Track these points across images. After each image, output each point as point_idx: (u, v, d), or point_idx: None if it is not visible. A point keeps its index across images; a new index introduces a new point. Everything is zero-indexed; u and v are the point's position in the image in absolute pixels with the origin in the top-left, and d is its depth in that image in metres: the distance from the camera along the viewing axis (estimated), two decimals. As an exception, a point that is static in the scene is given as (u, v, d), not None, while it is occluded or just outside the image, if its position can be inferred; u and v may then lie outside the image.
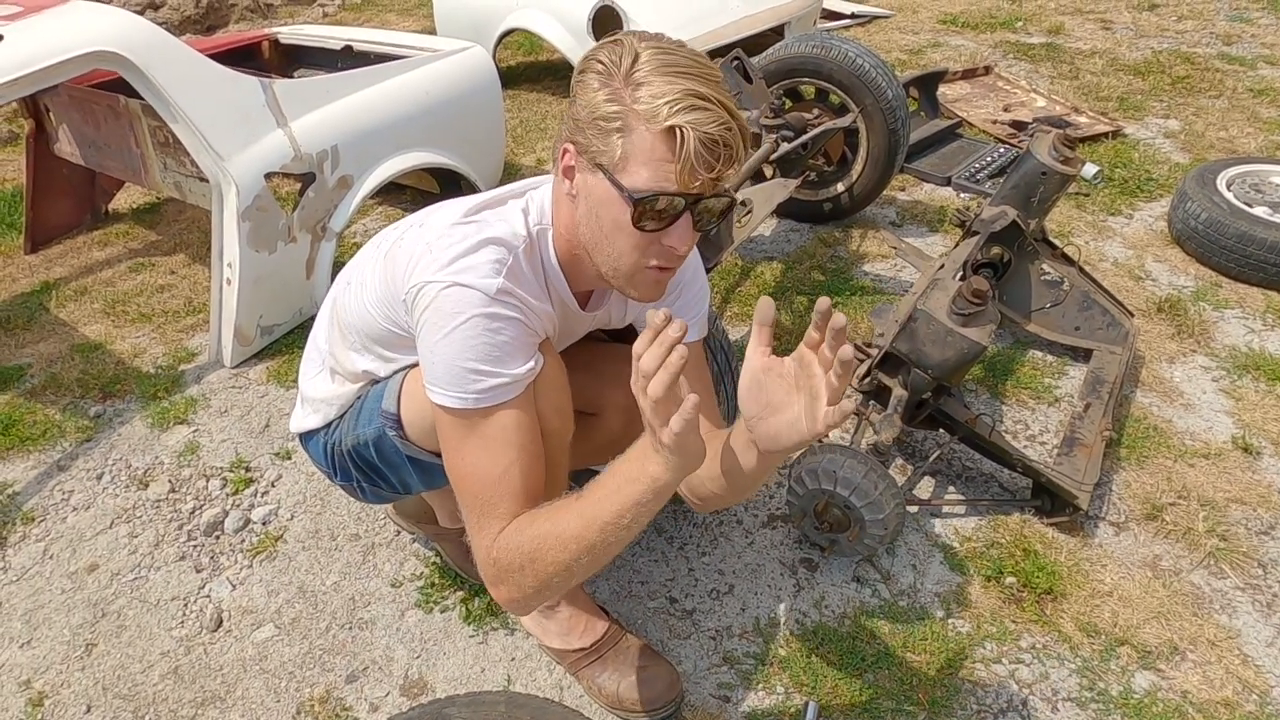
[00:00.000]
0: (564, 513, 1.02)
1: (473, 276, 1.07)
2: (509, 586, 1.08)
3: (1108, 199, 3.16)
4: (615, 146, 0.99)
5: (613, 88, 0.99)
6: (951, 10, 5.54)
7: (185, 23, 5.83)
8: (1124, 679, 1.52)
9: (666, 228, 1.03)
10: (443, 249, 1.10)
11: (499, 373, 1.07)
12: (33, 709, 1.53)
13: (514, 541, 1.06)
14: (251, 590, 1.74)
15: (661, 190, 0.99)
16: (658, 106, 0.95)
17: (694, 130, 0.95)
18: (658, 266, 1.07)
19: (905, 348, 1.73)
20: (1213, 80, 4.24)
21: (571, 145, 1.06)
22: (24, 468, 2.08)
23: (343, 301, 1.32)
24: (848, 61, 2.63)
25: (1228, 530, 1.81)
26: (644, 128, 0.97)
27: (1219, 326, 2.46)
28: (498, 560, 1.07)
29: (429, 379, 1.10)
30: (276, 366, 2.40)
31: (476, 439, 1.10)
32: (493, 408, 1.08)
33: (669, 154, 0.97)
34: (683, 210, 1.02)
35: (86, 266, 2.98)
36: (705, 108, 0.95)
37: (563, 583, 1.05)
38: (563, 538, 1.01)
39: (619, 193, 1.01)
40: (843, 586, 1.70)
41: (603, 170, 1.02)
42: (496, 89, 3.00)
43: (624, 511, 0.97)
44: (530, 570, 1.04)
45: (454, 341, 1.06)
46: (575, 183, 1.08)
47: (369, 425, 1.33)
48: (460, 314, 1.06)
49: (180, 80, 2.21)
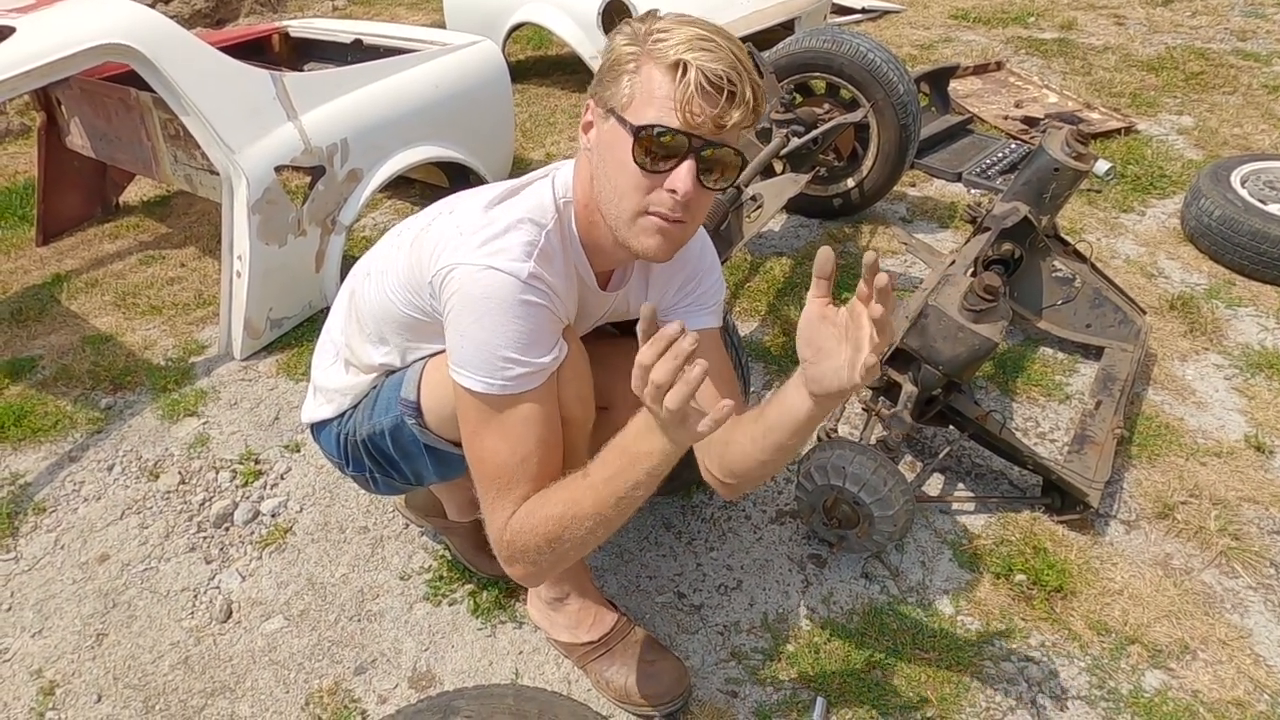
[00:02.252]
0: (575, 491, 1.06)
1: (504, 260, 1.07)
2: (525, 564, 1.12)
3: (1120, 196, 3.14)
4: (625, 87, 1.02)
5: (633, 36, 1.03)
6: (963, 5, 5.50)
7: (195, 16, 5.85)
8: (1134, 678, 1.51)
9: (668, 171, 1.02)
10: (473, 231, 1.10)
11: (528, 361, 1.09)
12: (44, 697, 1.54)
13: (529, 523, 1.09)
14: (261, 582, 1.75)
15: (661, 122, 0.99)
16: (667, 46, 0.99)
17: (698, 65, 0.97)
18: (659, 214, 1.05)
19: (916, 343, 1.73)
20: (1227, 76, 4.20)
21: (592, 100, 1.08)
22: (35, 458, 2.09)
23: (361, 292, 1.32)
24: (859, 56, 2.62)
25: (1240, 529, 1.79)
26: (652, 64, 1.00)
27: (1232, 324, 2.44)
28: (512, 542, 1.11)
29: (457, 361, 1.10)
30: (286, 359, 2.41)
31: (498, 426, 1.11)
32: (517, 395, 1.10)
33: (672, 88, 0.98)
34: (685, 153, 1.01)
35: (97, 259, 2.99)
36: (712, 49, 0.98)
37: (576, 555, 1.11)
38: (580, 516, 1.05)
39: (623, 127, 1.02)
40: (851, 583, 1.70)
41: (613, 114, 1.04)
42: (506, 83, 2.99)
43: (638, 484, 1.02)
44: (549, 549, 1.09)
45: (486, 326, 1.07)
46: (591, 135, 1.10)
47: (386, 414, 1.33)
48: (492, 299, 1.07)
49: (191, 73, 2.21)
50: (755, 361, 2.33)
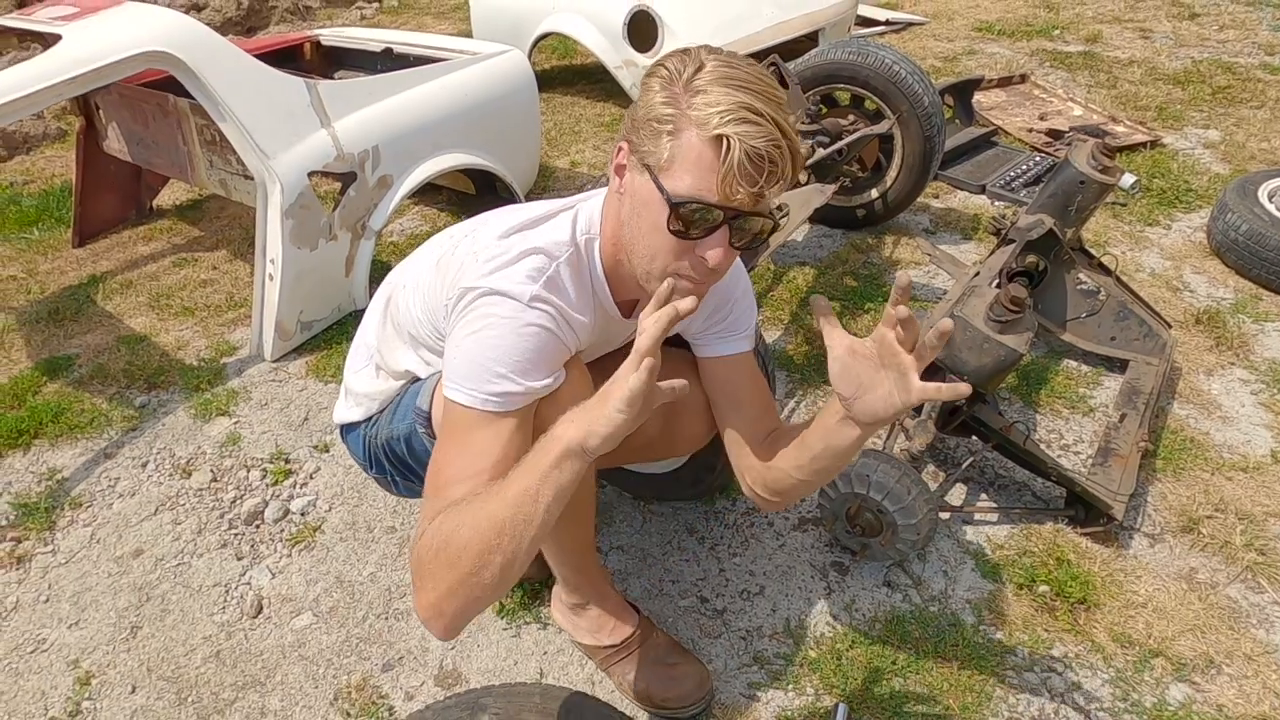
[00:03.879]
0: (480, 495, 1.00)
1: (508, 283, 1.09)
2: (424, 588, 0.99)
3: (1145, 209, 3.13)
4: (664, 148, 1.00)
5: (672, 92, 0.99)
6: (988, 18, 5.50)
7: (227, 24, 5.95)
8: (1158, 690, 1.51)
9: (702, 238, 1.03)
10: (486, 258, 1.12)
11: (516, 380, 1.07)
12: (80, 688, 1.58)
13: (430, 529, 1.01)
14: (291, 579, 1.78)
15: (699, 199, 0.99)
16: (709, 114, 0.96)
17: (741, 142, 0.95)
18: (689, 278, 1.06)
19: (941, 354, 1.73)
20: (1254, 90, 4.18)
21: (626, 144, 1.07)
22: (72, 454, 2.14)
23: (398, 300, 1.36)
24: (885, 68, 2.63)
25: (1266, 545, 1.79)
26: (693, 133, 0.97)
27: (1259, 339, 2.43)
28: (414, 551, 1.02)
29: (447, 374, 1.11)
30: (315, 361, 2.45)
31: (463, 438, 1.08)
32: (495, 414, 1.07)
33: (713, 162, 0.97)
34: (719, 223, 1.01)
35: (132, 261, 3.06)
36: (757, 122, 0.95)
37: (475, 576, 0.96)
38: (476, 516, 0.97)
39: (660, 194, 1.01)
40: (873, 591, 1.71)
41: (649, 170, 1.02)
42: (533, 92, 3.03)
43: (543, 471, 0.96)
44: (442, 559, 0.97)
45: (480, 341, 1.08)
46: (624, 181, 1.09)
47: (403, 421, 1.36)
48: (491, 316, 1.08)
49: (229, 80, 2.27)
50: (779, 370, 2.34)
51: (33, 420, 2.22)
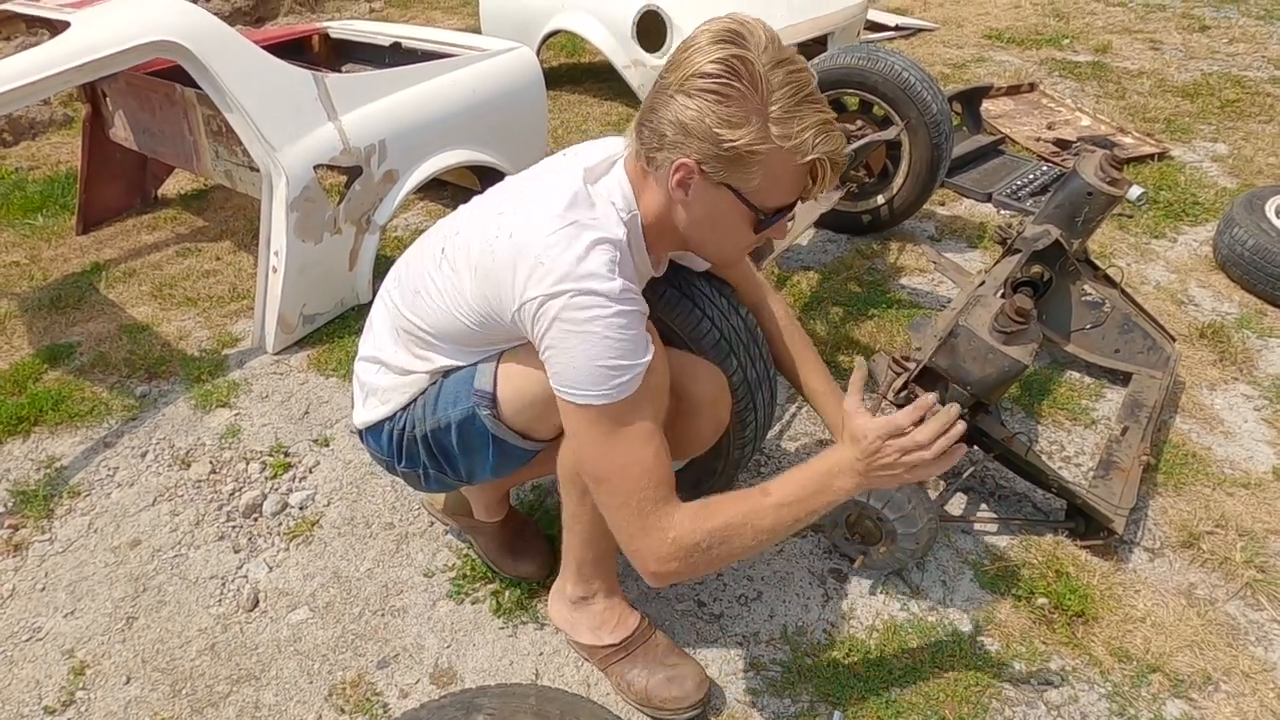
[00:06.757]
0: (753, 504, 1.17)
1: (595, 282, 1.12)
2: (682, 563, 1.17)
3: (1151, 222, 3.12)
4: (754, 176, 1.12)
5: (752, 125, 1.08)
6: (997, 26, 5.50)
7: (235, 14, 5.94)
8: (1155, 706, 1.50)
9: (776, 221, 1.20)
10: (554, 258, 1.13)
11: (632, 363, 1.14)
12: (75, 677, 1.57)
13: (700, 525, 1.16)
14: (288, 573, 1.78)
15: (787, 204, 1.18)
16: (801, 143, 1.09)
17: (830, 159, 1.12)
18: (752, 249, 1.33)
19: (945, 363, 1.73)
20: (1263, 104, 4.17)
21: (693, 164, 1.13)
22: (71, 443, 2.14)
23: (413, 307, 1.34)
24: (893, 74, 2.63)
25: (1266, 562, 1.78)
26: (786, 160, 1.11)
27: (1263, 355, 2.43)
28: (678, 540, 1.16)
29: (567, 384, 1.14)
30: (317, 355, 2.45)
31: (624, 432, 1.16)
32: (629, 399, 1.15)
33: (805, 179, 1.15)
34: (791, 207, 1.20)
35: (135, 249, 3.05)
36: (833, 132, 1.11)
37: (728, 563, 1.22)
38: (758, 528, 1.16)
39: (748, 209, 1.16)
40: (871, 599, 1.70)
41: (732, 190, 1.14)
42: (541, 89, 3.03)
43: (815, 511, 1.17)
44: (716, 550, 1.16)
45: (593, 345, 1.12)
46: (691, 193, 1.16)
47: (454, 407, 1.34)
48: (594, 319, 1.11)
49: (237, 71, 2.26)
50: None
51: (33, 407, 2.22)
